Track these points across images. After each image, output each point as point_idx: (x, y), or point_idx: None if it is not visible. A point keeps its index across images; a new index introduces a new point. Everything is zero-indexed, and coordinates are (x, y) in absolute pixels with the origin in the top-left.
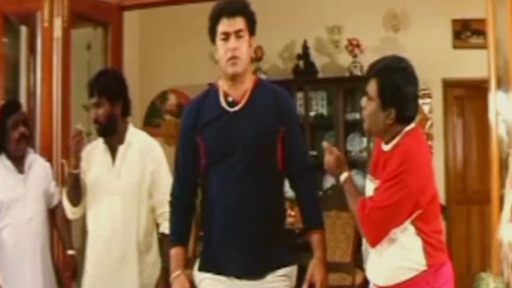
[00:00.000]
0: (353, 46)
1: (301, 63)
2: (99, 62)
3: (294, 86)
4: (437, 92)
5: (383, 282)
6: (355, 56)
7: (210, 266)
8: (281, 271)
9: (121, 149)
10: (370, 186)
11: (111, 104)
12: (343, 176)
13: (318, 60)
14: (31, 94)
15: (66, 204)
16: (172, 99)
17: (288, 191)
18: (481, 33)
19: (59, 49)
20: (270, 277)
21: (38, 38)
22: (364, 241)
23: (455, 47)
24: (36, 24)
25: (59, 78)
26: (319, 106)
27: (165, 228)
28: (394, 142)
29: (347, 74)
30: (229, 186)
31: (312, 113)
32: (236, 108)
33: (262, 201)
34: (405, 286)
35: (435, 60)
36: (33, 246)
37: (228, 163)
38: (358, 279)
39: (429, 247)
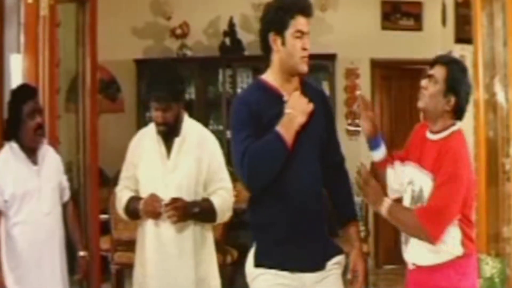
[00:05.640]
0: None
1: (227, 40)
2: (72, 40)
3: (221, 63)
4: (365, 71)
5: (423, 262)
6: None
7: (271, 261)
8: (335, 259)
9: (177, 141)
10: (412, 172)
11: (177, 104)
12: (386, 205)
13: (244, 37)
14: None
15: (122, 214)
16: None
17: None
18: (410, 15)
19: (46, 27)
20: (328, 266)
21: (20, 14)
22: None
23: (383, 28)
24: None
25: (46, 58)
26: (244, 83)
27: (214, 201)
28: (443, 134)
29: None
30: (296, 178)
31: (238, 90)
32: None
33: (319, 194)
34: (442, 267)
35: (364, 41)
36: (51, 242)
37: (292, 159)
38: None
39: (465, 238)
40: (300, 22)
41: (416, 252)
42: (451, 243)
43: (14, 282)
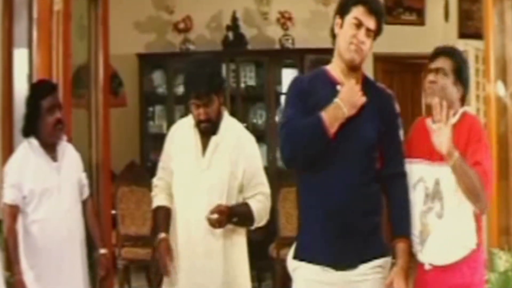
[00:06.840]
0: (285, 19)
1: (230, 34)
2: (75, 35)
3: (224, 58)
4: (368, 66)
5: (440, 261)
6: (286, 29)
7: (306, 254)
8: (377, 262)
9: (214, 140)
10: (421, 168)
11: (218, 97)
12: (457, 154)
13: (247, 31)
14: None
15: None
16: None
17: None
18: (413, 10)
19: (59, 21)
20: (365, 268)
21: (33, 9)
22: (418, 225)
23: (386, 22)
24: None
25: (59, 53)
26: (247, 78)
27: (254, 207)
28: (454, 119)
29: (276, 46)
30: (335, 176)
31: (242, 85)
32: None
33: (365, 192)
34: (456, 264)
35: None
36: (72, 240)
37: (333, 155)
38: None
39: (477, 227)
40: (360, 11)
41: (433, 252)
42: (468, 235)
43: (34, 279)
